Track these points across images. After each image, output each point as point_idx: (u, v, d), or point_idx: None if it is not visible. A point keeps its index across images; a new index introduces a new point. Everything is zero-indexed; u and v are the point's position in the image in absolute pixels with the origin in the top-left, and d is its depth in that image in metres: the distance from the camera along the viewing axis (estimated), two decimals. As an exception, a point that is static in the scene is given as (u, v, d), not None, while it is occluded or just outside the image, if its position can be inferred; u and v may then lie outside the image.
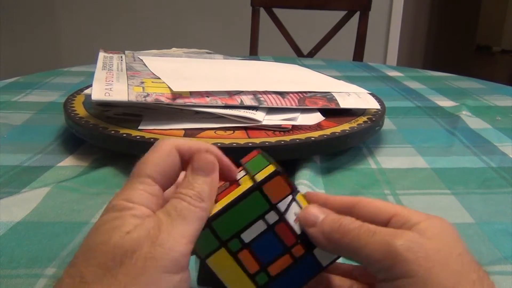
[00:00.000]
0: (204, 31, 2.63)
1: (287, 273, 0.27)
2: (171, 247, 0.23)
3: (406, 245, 0.23)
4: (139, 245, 0.22)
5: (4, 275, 0.35)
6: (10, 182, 0.50)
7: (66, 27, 2.71)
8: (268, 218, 0.26)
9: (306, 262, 0.27)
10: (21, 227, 0.41)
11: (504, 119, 0.75)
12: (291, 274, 0.27)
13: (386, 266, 0.23)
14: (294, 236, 0.27)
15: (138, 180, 0.26)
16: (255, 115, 0.56)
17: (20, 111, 0.75)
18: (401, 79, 1.04)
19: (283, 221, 0.26)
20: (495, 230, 0.42)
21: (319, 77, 0.76)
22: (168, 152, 0.27)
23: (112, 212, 0.24)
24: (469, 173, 0.55)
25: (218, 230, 0.26)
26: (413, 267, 0.22)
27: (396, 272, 0.23)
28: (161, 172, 0.26)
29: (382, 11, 2.54)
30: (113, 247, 0.22)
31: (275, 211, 0.26)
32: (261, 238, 0.26)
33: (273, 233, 0.26)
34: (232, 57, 0.94)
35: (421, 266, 0.22)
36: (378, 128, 0.61)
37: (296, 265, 0.27)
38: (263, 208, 0.26)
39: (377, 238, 0.24)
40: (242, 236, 0.26)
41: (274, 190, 0.26)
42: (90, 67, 1.07)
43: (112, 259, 0.22)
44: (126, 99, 0.54)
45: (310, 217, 0.27)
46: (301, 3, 1.55)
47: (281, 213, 0.26)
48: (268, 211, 0.26)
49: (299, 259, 0.27)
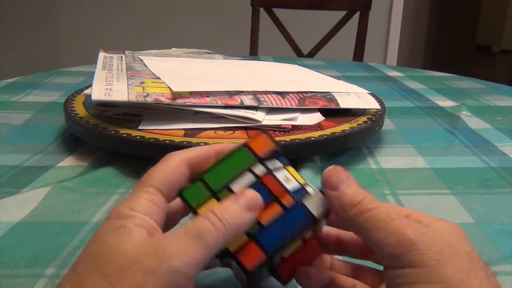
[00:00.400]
0: (204, 31, 2.64)
1: (278, 223, 0.27)
2: (175, 267, 0.22)
3: (421, 237, 0.23)
4: (141, 256, 0.22)
5: (4, 275, 0.35)
6: (10, 182, 0.50)
7: (66, 27, 2.71)
8: (256, 170, 0.28)
9: (297, 212, 0.27)
10: (21, 227, 0.41)
11: (504, 119, 0.75)
12: (283, 223, 0.27)
13: (396, 253, 0.23)
14: (283, 189, 0.27)
15: (143, 189, 0.26)
16: (255, 115, 0.56)
17: (20, 111, 0.75)
18: (401, 79, 1.04)
19: (270, 173, 0.28)
20: (495, 230, 0.42)
21: (319, 77, 0.76)
22: (177, 165, 0.27)
23: (115, 220, 0.24)
24: (469, 173, 0.55)
25: (209, 182, 0.27)
26: (424, 258, 0.22)
27: (406, 260, 0.23)
28: (167, 184, 0.26)
29: (382, 11, 2.54)
30: (115, 255, 0.22)
31: (262, 163, 0.28)
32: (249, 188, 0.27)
33: (261, 184, 0.27)
34: (232, 57, 0.94)
35: (431, 259, 0.22)
36: (378, 128, 0.61)
37: (287, 214, 0.27)
38: (249, 161, 0.28)
39: (393, 224, 0.24)
40: (231, 186, 0.27)
41: (258, 145, 0.28)
42: (90, 67, 1.07)
43: (111, 267, 0.22)
44: (126, 99, 0.54)
45: (333, 179, 0.27)
46: (301, 3, 1.55)
47: (268, 166, 0.28)
48: (254, 163, 0.28)
49: (289, 209, 0.27)
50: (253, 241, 0.26)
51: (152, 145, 0.50)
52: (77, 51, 2.71)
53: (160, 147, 0.50)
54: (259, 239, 0.26)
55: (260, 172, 0.28)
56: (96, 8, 2.66)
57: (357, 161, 0.58)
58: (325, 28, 1.55)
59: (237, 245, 0.26)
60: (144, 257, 0.22)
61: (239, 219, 0.25)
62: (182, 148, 0.27)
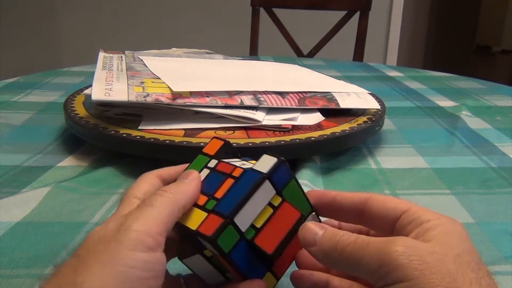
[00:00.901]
0: (204, 31, 2.64)
1: (232, 191, 0.28)
2: (135, 229, 0.24)
3: (399, 251, 0.23)
4: (107, 233, 0.24)
5: (4, 275, 0.35)
6: (10, 182, 0.50)
7: (66, 27, 2.71)
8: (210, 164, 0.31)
9: (246, 176, 0.28)
10: (21, 227, 0.41)
11: (504, 119, 0.75)
12: (235, 190, 0.28)
13: (383, 274, 0.23)
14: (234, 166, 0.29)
15: (128, 200, 0.28)
16: (255, 115, 0.56)
17: (20, 111, 0.75)
18: (401, 79, 1.04)
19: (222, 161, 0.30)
20: (495, 230, 0.42)
21: (319, 77, 0.76)
22: (152, 179, 0.30)
23: None
24: (469, 173, 0.55)
25: None
26: (408, 271, 0.22)
27: (393, 277, 0.23)
28: (146, 193, 0.29)
29: (382, 11, 2.54)
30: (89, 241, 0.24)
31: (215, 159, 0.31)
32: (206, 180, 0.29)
33: (215, 171, 0.30)
34: (232, 57, 0.94)
35: (415, 270, 0.22)
36: (378, 128, 0.61)
37: (237, 182, 0.28)
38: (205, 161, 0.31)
39: (371, 249, 0.24)
40: None
41: (210, 147, 0.32)
42: (90, 67, 1.07)
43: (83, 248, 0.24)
44: (126, 99, 0.54)
45: (309, 236, 0.27)
46: (301, 3, 1.55)
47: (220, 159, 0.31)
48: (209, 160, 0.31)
49: (239, 177, 0.28)
50: (211, 213, 0.27)
51: (152, 145, 0.50)
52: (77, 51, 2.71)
53: (160, 147, 0.50)
54: (216, 209, 0.27)
55: (213, 163, 0.30)
56: (96, 8, 2.66)
57: (357, 161, 0.58)
58: (325, 28, 1.55)
59: (198, 222, 0.27)
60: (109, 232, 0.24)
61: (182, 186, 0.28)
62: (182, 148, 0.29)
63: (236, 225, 0.26)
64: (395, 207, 0.27)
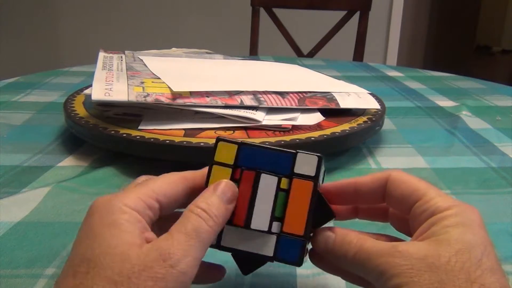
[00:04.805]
0: (204, 31, 2.64)
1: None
2: (183, 271, 0.22)
3: (390, 263, 0.24)
4: (148, 263, 0.22)
5: (4, 275, 0.35)
6: (10, 182, 0.50)
7: (66, 27, 2.71)
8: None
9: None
10: (21, 227, 0.41)
11: (504, 119, 0.75)
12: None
13: (383, 281, 0.24)
14: None
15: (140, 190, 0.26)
16: (255, 115, 0.56)
17: (20, 111, 0.75)
18: (401, 79, 1.04)
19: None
20: (495, 230, 0.42)
21: (319, 77, 0.76)
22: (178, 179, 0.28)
23: (105, 214, 0.24)
24: (469, 173, 0.55)
25: None
26: (402, 280, 0.23)
27: (393, 285, 0.23)
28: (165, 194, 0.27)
29: (382, 11, 2.54)
30: (121, 260, 0.22)
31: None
32: None
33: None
34: (232, 57, 0.94)
35: (406, 277, 0.23)
36: (378, 128, 0.61)
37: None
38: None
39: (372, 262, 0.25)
40: None
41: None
42: (90, 67, 1.07)
43: (118, 274, 0.22)
44: (126, 99, 0.54)
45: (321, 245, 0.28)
46: (301, 3, 1.55)
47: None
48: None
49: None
50: None
51: (152, 145, 0.50)
52: (77, 51, 2.71)
53: (160, 147, 0.50)
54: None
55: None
56: (96, 8, 2.66)
57: (357, 161, 0.58)
58: (325, 28, 1.55)
59: None
60: (152, 263, 0.22)
61: (224, 214, 0.26)
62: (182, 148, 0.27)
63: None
64: (410, 195, 0.27)
